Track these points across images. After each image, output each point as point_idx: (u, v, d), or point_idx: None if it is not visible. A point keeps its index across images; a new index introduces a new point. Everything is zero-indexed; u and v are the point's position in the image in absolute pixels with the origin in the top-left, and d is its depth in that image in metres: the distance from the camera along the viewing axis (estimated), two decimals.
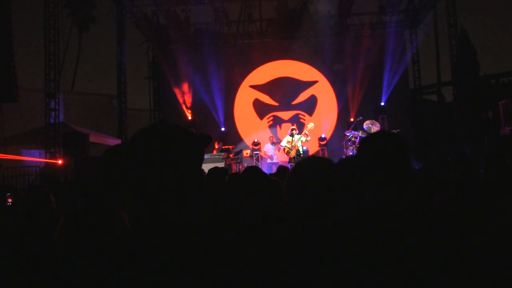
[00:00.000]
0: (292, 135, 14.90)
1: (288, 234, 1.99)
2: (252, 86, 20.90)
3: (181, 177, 1.44)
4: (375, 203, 1.88)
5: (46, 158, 14.43)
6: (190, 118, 20.57)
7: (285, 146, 14.90)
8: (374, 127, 16.00)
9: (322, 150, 18.43)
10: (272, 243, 1.95)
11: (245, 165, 16.99)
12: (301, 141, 14.79)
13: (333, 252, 1.77)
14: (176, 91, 20.62)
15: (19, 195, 6.75)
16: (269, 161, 17.01)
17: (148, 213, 1.43)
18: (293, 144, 14.68)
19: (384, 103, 19.87)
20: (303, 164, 2.16)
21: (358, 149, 2.06)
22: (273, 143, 17.22)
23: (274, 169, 14.98)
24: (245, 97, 20.94)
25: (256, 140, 18.29)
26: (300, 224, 1.99)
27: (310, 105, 20.62)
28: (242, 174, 3.48)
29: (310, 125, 15.28)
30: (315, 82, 20.71)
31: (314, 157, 2.24)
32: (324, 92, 20.58)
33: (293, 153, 14.63)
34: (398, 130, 16.12)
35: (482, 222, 2.92)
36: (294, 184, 2.06)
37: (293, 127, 15.45)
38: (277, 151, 17.08)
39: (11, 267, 2.81)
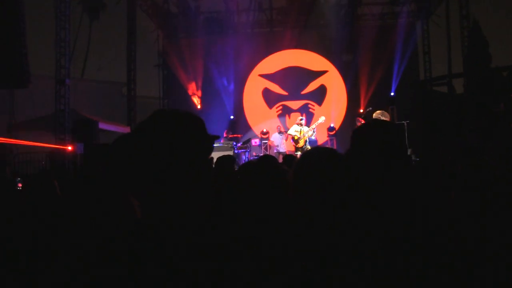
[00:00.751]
0: (300, 125, 14.84)
1: (294, 228, 1.98)
2: (262, 75, 20.88)
3: (185, 168, 1.44)
4: (372, 196, 1.88)
5: (55, 144, 14.51)
6: (199, 106, 20.60)
7: (294, 134, 14.81)
8: (383, 118, 15.90)
9: (331, 140, 18.42)
10: (276, 238, 1.95)
11: (253, 154, 17.02)
12: (308, 134, 14.76)
13: (337, 246, 1.77)
14: (185, 79, 20.65)
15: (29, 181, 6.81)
16: (275, 150, 16.99)
17: (154, 203, 1.43)
18: (302, 134, 14.62)
19: (394, 93, 19.78)
20: (308, 156, 2.14)
21: (352, 140, 2.06)
22: (281, 133, 17.20)
23: (280, 158, 15.00)
24: (254, 86, 20.93)
25: (265, 130, 18.30)
26: (305, 218, 1.98)
27: (319, 95, 20.58)
28: (256, 162, 3.44)
29: (322, 119, 15.15)
30: (324, 72, 20.64)
31: (320, 148, 2.21)
32: (333, 82, 20.52)
33: (302, 143, 14.57)
34: (407, 122, 16.05)
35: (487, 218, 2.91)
36: (300, 177, 2.04)
37: (301, 117, 15.39)
38: (284, 141, 17.06)
39: (15, 251, 2.82)
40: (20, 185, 6.61)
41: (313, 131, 14.85)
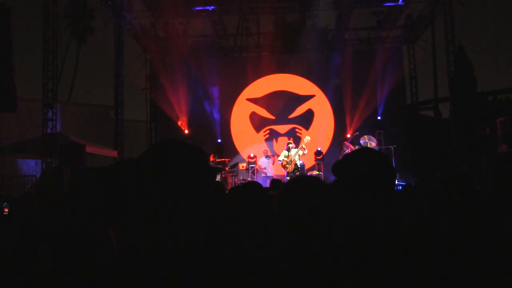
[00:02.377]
0: (288, 149, 14.86)
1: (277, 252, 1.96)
2: (249, 99, 20.93)
3: (186, 200, 1.41)
4: (356, 225, 1.87)
5: (42, 168, 14.36)
6: (186, 130, 20.52)
7: (283, 160, 14.86)
8: (370, 142, 16.01)
9: (318, 164, 18.38)
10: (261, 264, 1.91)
11: (241, 178, 16.95)
12: (298, 154, 14.78)
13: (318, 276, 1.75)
14: (173, 103, 20.60)
15: (16, 205, 6.66)
16: (263, 175, 16.94)
17: (139, 238, 1.40)
18: (290, 158, 14.63)
19: (381, 118, 19.89)
20: (293, 184, 2.13)
21: (337, 168, 2.04)
22: (267, 157, 17.17)
23: (268, 183, 14.96)
24: (242, 110, 20.96)
25: (252, 154, 18.28)
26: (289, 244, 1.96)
27: (306, 119, 20.65)
28: (241, 190, 3.40)
29: (307, 139, 15.24)
30: (312, 96, 20.75)
31: (305, 176, 2.21)
32: (321, 106, 20.63)
33: (290, 168, 14.58)
34: (394, 146, 16.14)
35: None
36: (285, 204, 2.03)
37: (289, 141, 15.43)
38: (271, 164, 17.03)
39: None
40: (6, 210, 6.48)
41: (303, 151, 14.87)
